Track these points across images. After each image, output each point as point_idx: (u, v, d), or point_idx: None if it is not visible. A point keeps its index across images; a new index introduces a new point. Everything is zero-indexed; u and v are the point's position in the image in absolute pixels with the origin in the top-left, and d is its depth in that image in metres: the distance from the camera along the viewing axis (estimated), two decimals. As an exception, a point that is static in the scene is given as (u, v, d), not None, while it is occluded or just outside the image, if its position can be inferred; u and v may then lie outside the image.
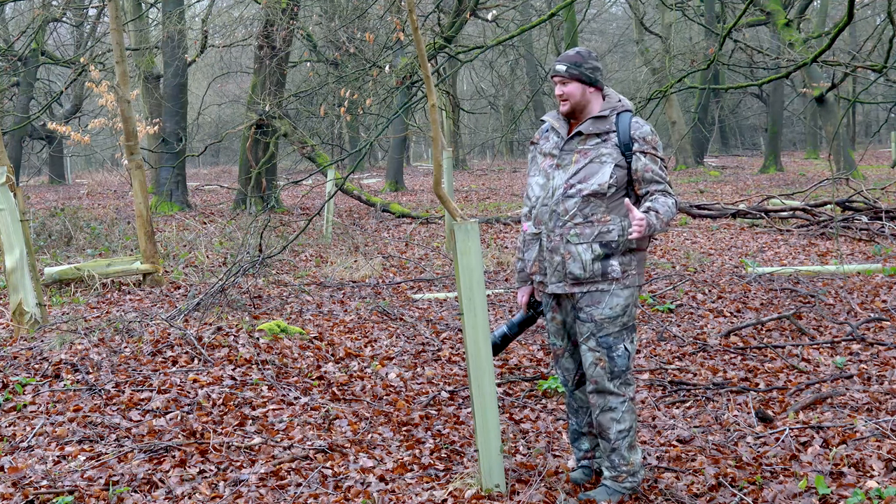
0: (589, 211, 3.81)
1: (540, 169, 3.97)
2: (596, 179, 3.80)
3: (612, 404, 3.92)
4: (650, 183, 3.84)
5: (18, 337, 6.43)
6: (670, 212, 3.80)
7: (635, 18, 28.25)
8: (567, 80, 3.89)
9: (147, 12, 19.97)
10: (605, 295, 3.84)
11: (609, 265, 3.82)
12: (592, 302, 3.85)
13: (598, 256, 3.81)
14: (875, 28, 20.02)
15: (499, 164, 35.88)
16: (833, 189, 10.96)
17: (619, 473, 3.96)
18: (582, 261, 3.82)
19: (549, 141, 3.99)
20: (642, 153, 3.84)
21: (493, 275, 9.62)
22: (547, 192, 3.89)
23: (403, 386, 5.75)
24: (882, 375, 5.75)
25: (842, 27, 9.19)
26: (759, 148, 40.80)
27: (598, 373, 3.89)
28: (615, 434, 3.93)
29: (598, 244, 3.81)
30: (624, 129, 3.86)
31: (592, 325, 3.86)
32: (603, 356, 3.87)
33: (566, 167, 3.87)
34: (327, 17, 17.12)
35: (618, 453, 3.95)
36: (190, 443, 4.54)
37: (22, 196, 6.70)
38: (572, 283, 3.86)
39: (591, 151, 3.85)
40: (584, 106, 3.91)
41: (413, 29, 4.08)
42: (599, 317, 3.85)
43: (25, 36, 22.56)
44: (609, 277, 3.83)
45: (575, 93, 3.88)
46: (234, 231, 12.78)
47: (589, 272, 3.82)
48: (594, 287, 3.84)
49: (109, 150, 32.47)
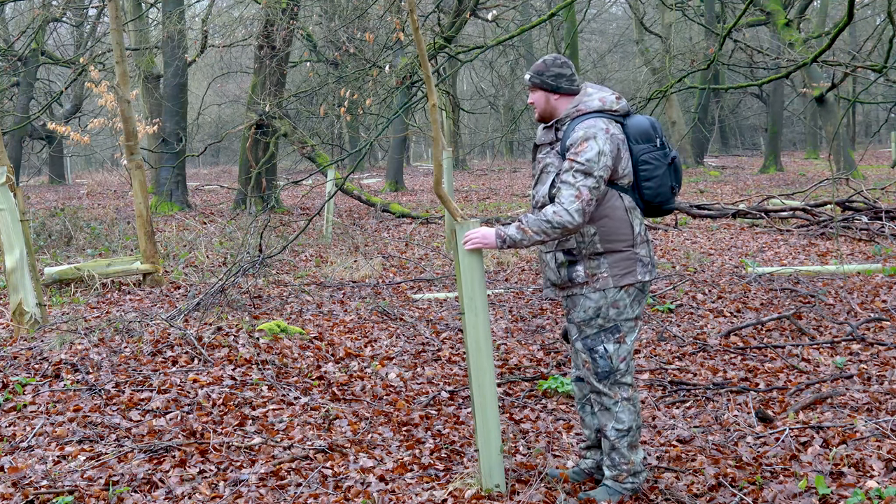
0: None
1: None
2: (542, 190, 3.88)
3: (607, 404, 3.95)
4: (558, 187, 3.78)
5: (18, 337, 6.43)
6: (544, 223, 3.72)
7: (635, 18, 28.25)
8: (534, 89, 3.95)
9: (147, 12, 19.97)
10: (579, 298, 3.91)
11: (574, 271, 3.88)
12: (572, 305, 3.95)
13: (563, 264, 3.89)
14: (875, 28, 20.03)
15: (499, 164, 35.90)
16: (833, 189, 10.94)
17: (619, 472, 3.96)
18: (552, 268, 3.94)
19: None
20: (566, 158, 3.78)
21: (493, 275, 9.62)
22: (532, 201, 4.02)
23: (403, 386, 5.75)
24: (882, 375, 5.74)
25: (842, 27, 9.19)
26: (759, 148, 40.82)
27: (586, 374, 3.98)
28: (613, 433, 3.94)
29: (561, 252, 3.89)
30: (566, 135, 3.84)
31: (574, 327, 3.97)
32: (587, 357, 3.94)
33: (534, 175, 4.00)
34: (327, 17, 17.12)
35: (618, 452, 3.95)
36: (190, 443, 4.54)
37: (22, 196, 6.70)
38: (553, 288, 4.00)
39: (543, 160, 3.93)
40: (551, 113, 3.95)
41: (413, 29, 4.08)
42: (577, 319, 3.93)
43: (25, 36, 22.56)
44: (576, 282, 3.89)
45: (539, 100, 3.95)
46: (234, 231, 12.78)
47: (560, 278, 3.92)
48: (570, 291, 3.93)
49: (109, 150, 32.49)
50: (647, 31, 29.44)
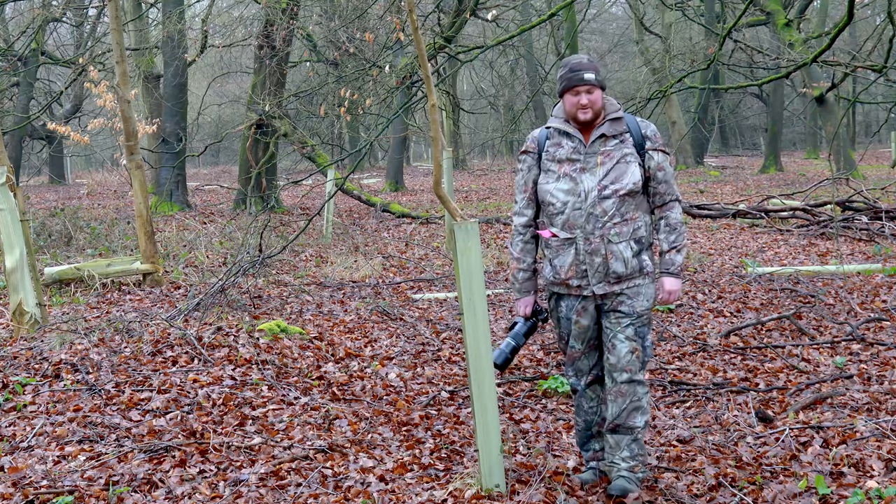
0: (625, 210, 3.93)
1: (559, 174, 3.98)
2: (629, 179, 3.92)
3: (639, 393, 4.01)
4: (662, 184, 4.02)
5: (18, 337, 6.43)
6: (683, 226, 4.03)
7: (635, 18, 28.24)
8: (594, 88, 3.95)
9: (147, 12, 19.97)
10: (641, 288, 3.98)
11: (643, 260, 3.98)
12: (633, 295, 3.97)
13: (635, 253, 3.95)
14: (875, 28, 20.01)
15: (499, 164, 35.89)
16: (833, 189, 10.95)
17: (636, 463, 4.02)
18: (623, 258, 3.93)
19: (562, 147, 4.00)
20: (654, 150, 4.01)
21: (493, 275, 9.62)
22: (578, 196, 3.93)
23: (403, 386, 5.75)
24: (882, 375, 5.74)
25: (842, 27, 9.19)
26: (759, 148, 40.81)
27: (633, 361, 3.98)
28: (641, 422, 4.02)
29: (634, 241, 3.96)
30: (634, 128, 4.01)
31: (634, 316, 3.98)
32: (638, 346, 3.98)
33: (593, 170, 3.94)
34: (327, 17, 17.12)
35: (638, 443, 4.03)
36: (190, 443, 4.54)
37: (22, 196, 6.70)
38: (614, 281, 3.96)
39: (614, 153, 3.95)
40: (600, 112, 4.00)
41: (413, 29, 4.09)
42: (640, 308, 3.98)
43: (25, 36, 22.56)
44: (644, 272, 3.98)
45: (598, 100, 3.96)
46: (234, 231, 12.78)
47: (630, 269, 3.94)
48: (632, 283, 3.97)
49: (109, 150, 32.46)
50: (647, 31, 29.44)
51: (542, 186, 4.02)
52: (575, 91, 3.94)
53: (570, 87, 3.95)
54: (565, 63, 4.04)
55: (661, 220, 4.04)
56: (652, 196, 4.04)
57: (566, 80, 3.96)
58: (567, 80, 3.96)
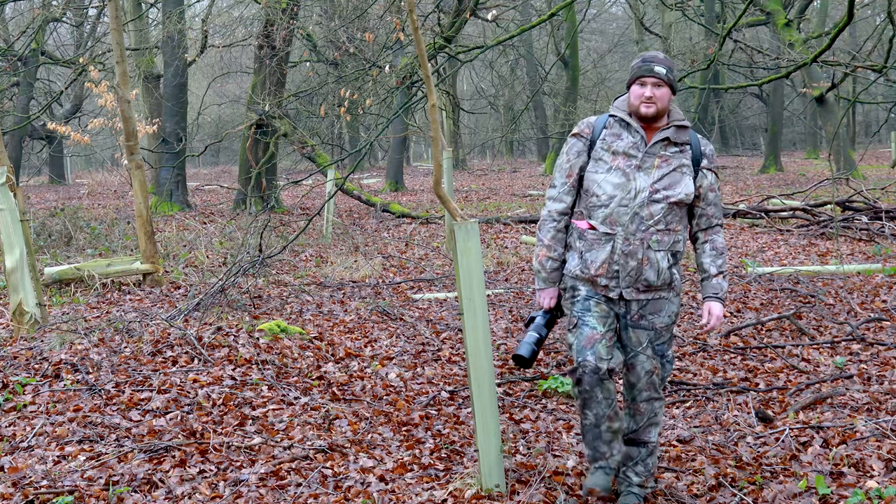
0: (670, 219, 3.77)
1: (612, 167, 3.78)
2: (682, 189, 3.77)
3: (656, 409, 3.95)
4: (711, 205, 3.89)
5: (18, 337, 6.43)
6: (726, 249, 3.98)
7: (635, 18, 28.25)
8: (662, 84, 3.77)
9: (147, 12, 19.97)
10: (665, 303, 3.84)
11: (674, 274, 3.82)
12: (655, 310, 3.84)
13: (670, 265, 3.81)
14: (875, 28, 20.03)
15: (499, 164, 35.91)
16: (833, 189, 10.95)
17: (648, 477, 3.98)
18: (658, 268, 3.77)
19: (621, 139, 3.81)
20: (709, 170, 3.88)
21: (493, 275, 9.62)
22: (627, 192, 3.74)
23: (403, 386, 5.75)
24: (882, 375, 5.74)
25: (842, 27, 9.19)
26: (759, 148, 40.80)
27: (654, 381, 3.89)
28: (655, 436, 3.97)
29: (671, 253, 3.81)
30: (695, 142, 3.87)
31: (653, 332, 3.85)
32: (657, 364, 3.87)
33: (648, 170, 3.76)
34: (327, 17, 17.12)
35: (653, 457, 3.98)
36: (190, 443, 4.54)
37: (22, 196, 6.70)
38: (643, 289, 3.81)
39: (672, 160, 3.79)
40: (664, 112, 3.83)
41: (413, 29, 4.08)
42: (660, 325, 3.84)
43: (25, 36, 22.55)
44: (673, 286, 3.84)
45: (665, 98, 3.78)
46: (234, 231, 12.78)
47: (661, 280, 3.79)
48: (658, 295, 3.83)
49: (109, 150, 32.48)
50: (647, 31, 29.45)
51: (590, 175, 3.80)
52: (642, 82, 3.76)
53: (639, 77, 3.76)
54: (640, 55, 3.89)
55: (707, 243, 3.90)
56: (698, 217, 3.89)
57: (636, 70, 3.78)
58: (637, 69, 3.79)
